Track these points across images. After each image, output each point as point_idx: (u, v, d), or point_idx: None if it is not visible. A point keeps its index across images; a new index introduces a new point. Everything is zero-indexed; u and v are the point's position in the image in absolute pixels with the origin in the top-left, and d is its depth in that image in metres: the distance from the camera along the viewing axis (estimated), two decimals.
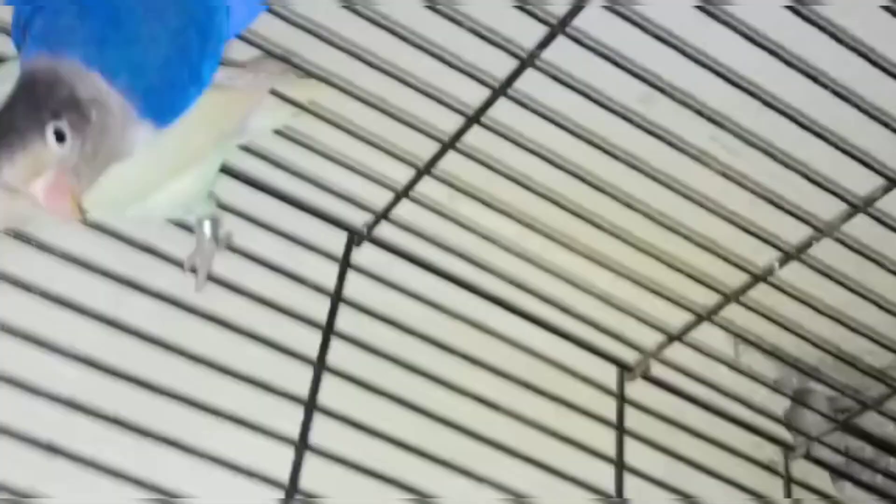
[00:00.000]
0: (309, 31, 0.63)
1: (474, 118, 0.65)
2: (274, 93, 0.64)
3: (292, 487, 0.63)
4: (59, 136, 0.49)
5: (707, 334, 0.79)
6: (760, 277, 0.72)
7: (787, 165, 0.65)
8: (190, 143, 0.60)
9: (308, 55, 0.66)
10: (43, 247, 0.61)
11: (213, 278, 0.67)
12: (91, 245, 0.63)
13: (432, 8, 0.60)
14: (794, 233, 0.69)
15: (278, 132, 0.69)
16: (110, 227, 0.64)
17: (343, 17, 0.61)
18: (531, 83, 0.62)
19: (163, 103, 0.55)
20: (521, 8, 0.58)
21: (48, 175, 0.49)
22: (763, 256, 0.72)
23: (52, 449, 0.57)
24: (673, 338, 0.79)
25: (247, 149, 0.69)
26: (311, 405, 0.66)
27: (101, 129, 0.51)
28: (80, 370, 0.60)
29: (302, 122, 0.68)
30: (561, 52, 0.60)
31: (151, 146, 0.57)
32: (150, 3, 0.53)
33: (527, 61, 0.61)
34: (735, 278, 0.74)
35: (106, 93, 0.52)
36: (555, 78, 0.62)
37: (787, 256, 0.70)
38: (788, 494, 0.84)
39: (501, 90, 0.63)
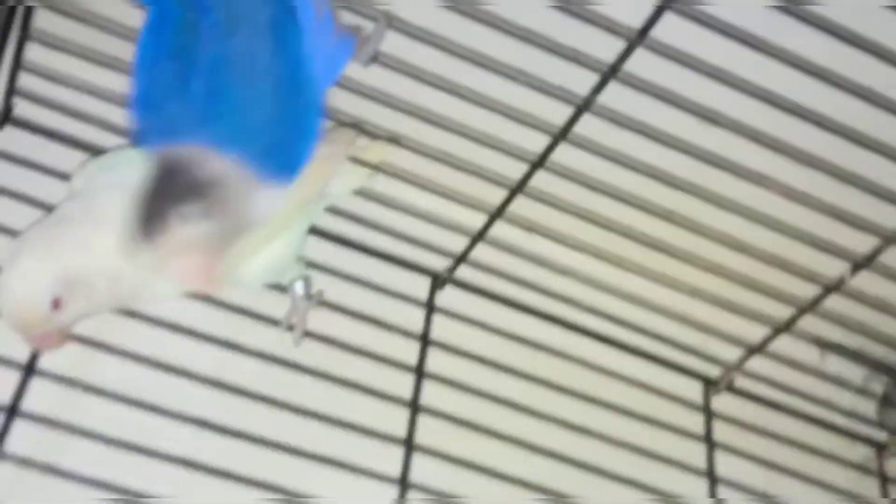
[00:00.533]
0: (376, 99, 0.67)
1: (538, 163, 0.69)
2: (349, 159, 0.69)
3: None
4: (187, 220, 0.53)
5: (787, 344, 0.81)
6: (833, 288, 0.74)
7: (848, 181, 0.67)
8: (279, 211, 0.65)
9: (376, 120, 0.71)
10: (152, 319, 0.67)
11: (308, 333, 0.71)
12: (195, 314, 0.68)
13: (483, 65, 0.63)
14: (861, 244, 0.71)
15: (359, 192, 0.73)
16: (210, 296, 0.69)
17: (399, 81, 0.66)
18: (587, 127, 0.65)
19: (280, 159, 0.57)
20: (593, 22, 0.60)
21: (184, 255, 0.54)
22: (834, 268, 0.73)
23: None
24: (753, 350, 0.81)
25: (331, 209, 0.74)
26: (409, 444, 0.70)
27: (224, 204, 0.55)
28: (193, 430, 0.65)
29: (379, 181, 0.73)
30: (614, 97, 0.63)
31: None
32: (244, 67, 0.56)
33: (582, 107, 0.64)
34: (808, 290, 0.75)
35: (226, 167, 0.55)
36: (612, 121, 0.65)
37: (857, 266, 0.72)
38: (885, 494, 0.85)
39: (560, 135, 0.67)
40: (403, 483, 0.68)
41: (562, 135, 0.66)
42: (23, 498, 0.60)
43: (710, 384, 0.84)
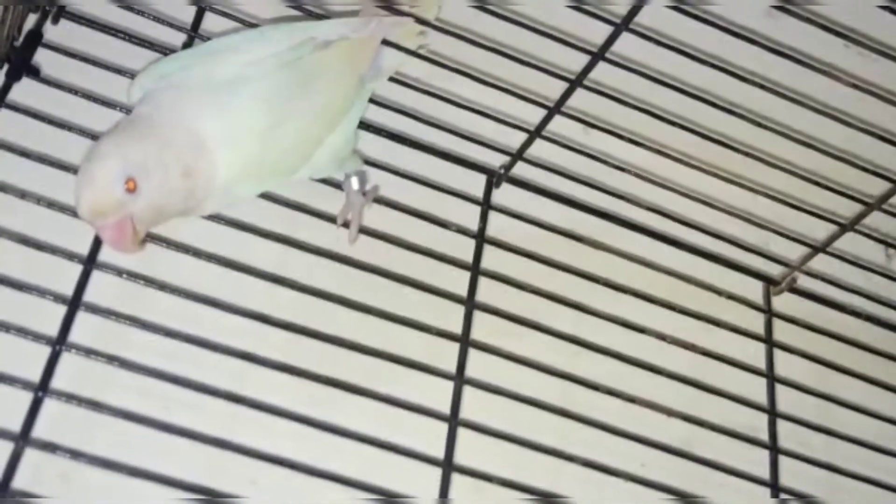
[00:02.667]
0: None
1: (599, 54, 0.67)
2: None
3: (453, 417, 0.67)
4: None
5: (854, 243, 0.79)
6: None
7: None
8: (337, 91, 0.66)
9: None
10: (212, 217, 0.67)
11: (364, 230, 0.71)
12: (251, 210, 0.68)
13: None
14: None
15: (414, 86, 0.72)
16: (269, 193, 0.69)
17: None
18: (651, 15, 0.63)
19: None
20: None
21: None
22: None
23: (234, 398, 0.63)
24: (817, 249, 0.79)
25: (388, 105, 0.73)
26: (465, 341, 0.70)
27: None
28: (251, 324, 0.65)
29: (434, 76, 0.71)
30: None
31: (308, 107, 0.64)
32: None
33: None
34: (876, 187, 0.73)
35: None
36: (676, 9, 0.63)
37: None
38: None
39: (624, 24, 0.64)
40: (460, 378, 0.69)
41: (624, 25, 0.64)
42: (87, 388, 0.61)
43: (771, 284, 0.83)
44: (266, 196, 0.68)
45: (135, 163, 0.58)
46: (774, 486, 0.74)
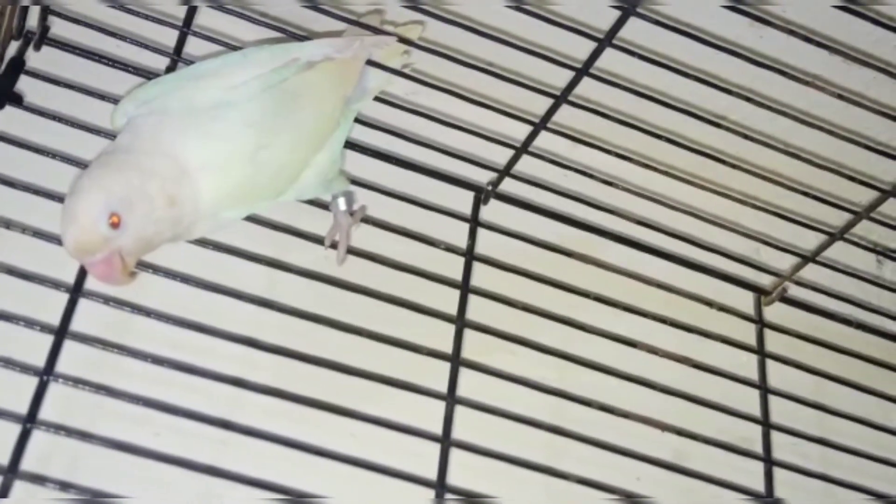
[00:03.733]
0: (419, 10, 0.65)
1: (584, 70, 0.67)
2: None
3: (446, 437, 0.67)
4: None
5: (844, 252, 0.79)
6: (890, 192, 0.71)
7: None
8: (324, 113, 0.66)
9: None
10: (199, 241, 0.66)
11: (352, 250, 0.71)
12: (238, 233, 0.68)
13: None
14: None
15: (400, 105, 0.72)
16: (255, 215, 0.68)
17: None
18: (635, 30, 0.63)
19: None
20: None
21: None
22: (891, 171, 0.71)
23: (225, 425, 0.63)
24: (808, 259, 0.79)
25: (373, 123, 0.73)
26: (455, 360, 0.70)
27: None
28: (239, 349, 0.65)
29: (420, 93, 0.71)
30: None
31: (293, 128, 0.63)
32: None
33: (628, 11, 0.62)
34: (865, 195, 0.73)
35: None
36: (659, 23, 0.63)
37: None
38: None
39: (607, 40, 0.64)
40: (451, 398, 0.68)
41: (608, 40, 0.64)
42: (76, 417, 0.61)
43: (762, 294, 0.83)
44: (253, 218, 0.68)
45: (117, 197, 0.58)
46: (770, 498, 0.74)
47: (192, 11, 0.70)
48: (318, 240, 0.70)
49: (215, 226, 0.64)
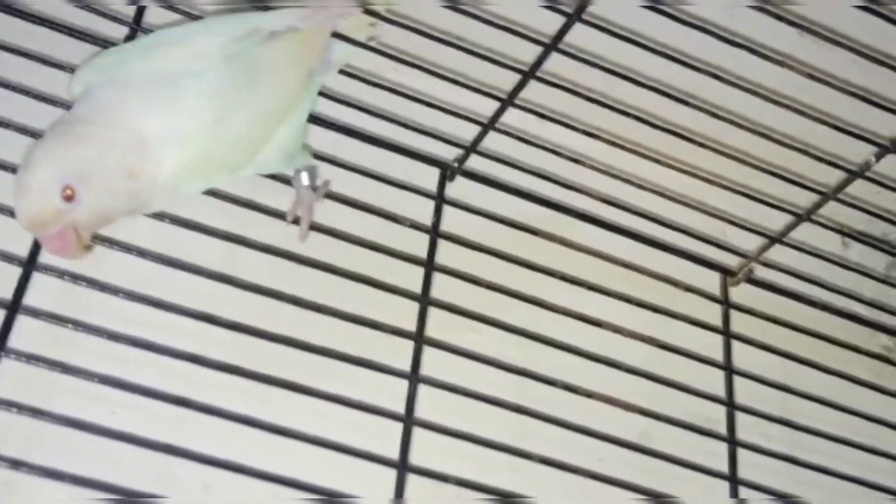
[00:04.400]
0: None
1: (552, 45, 0.66)
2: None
3: (408, 416, 0.66)
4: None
5: (810, 233, 0.79)
6: (858, 174, 0.71)
7: (876, 61, 0.63)
8: (287, 85, 0.64)
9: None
10: (156, 214, 0.65)
11: (315, 226, 0.70)
12: (199, 208, 0.66)
13: None
14: (888, 126, 0.68)
15: (365, 79, 0.71)
16: (215, 189, 0.67)
17: None
18: (605, 5, 0.62)
19: None
20: None
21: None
22: (858, 152, 0.71)
23: (182, 402, 0.61)
24: (774, 240, 0.79)
25: (339, 97, 0.72)
26: (419, 338, 0.69)
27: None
28: (199, 325, 0.64)
29: (385, 68, 0.70)
30: None
31: (254, 101, 0.62)
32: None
33: None
34: (832, 177, 0.73)
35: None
36: None
37: (884, 150, 0.69)
38: None
39: (576, 15, 0.63)
40: (414, 376, 0.67)
41: (577, 14, 0.63)
42: (29, 394, 0.59)
43: (728, 275, 0.82)
44: (213, 193, 0.67)
45: (72, 169, 0.56)
46: (733, 479, 0.73)
47: None
48: (279, 215, 0.69)
49: (173, 199, 0.63)
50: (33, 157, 0.57)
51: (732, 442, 0.75)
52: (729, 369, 0.78)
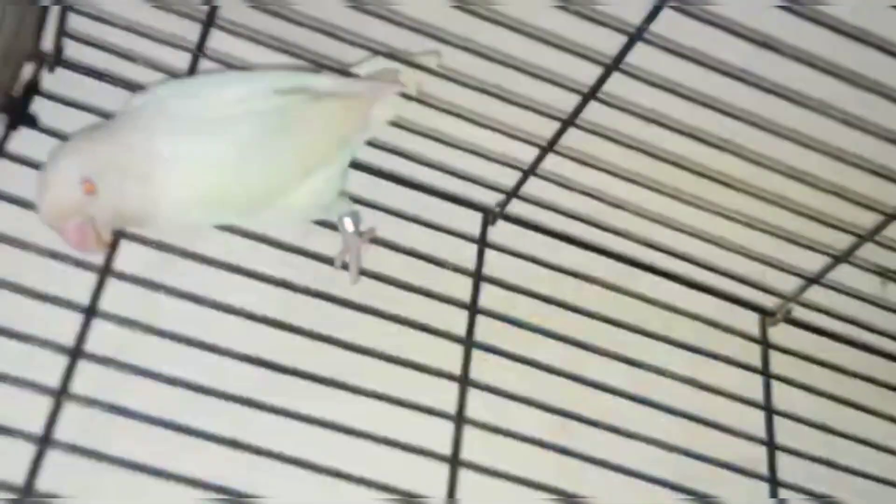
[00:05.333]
0: (421, 32, 0.66)
1: (590, 94, 0.67)
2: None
3: (454, 457, 0.68)
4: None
5: (847, 273, 0.79)
6: (894, 216, 0.72)
7: None
8: (316, 147, 0.66)
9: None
10: (206, 259, 0.67)
11: (362, 271, 0.71)
12: (247, 253, 0.69)
13: None
14: None
15: (410, 127, 0.73)
16: (265, 235, 0.69)
17: (449, 14, 0.65)
18: (640, 56, 0.64)
19: None
20: None
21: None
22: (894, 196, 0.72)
23: (236, 444, 0.63)
24: (812, 281, 0.80)
25: (382, 146, 0.74)
26: (464, 381, 0.71)
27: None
28: (251, 370, 0.66)
29: (430, 115, 0.72)
30: (668, 24, 0.62)
31: (281, 154, 0.64)
32: None
33: (635, 36, 0.63)
34: (869, 218, 0.74)
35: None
36: (665, 49, 0.64)
37: None
38: None
39: (614, 65, 0.65)
40: (459, 419, 0.69)
41: (614, 65, 0.65)
42: (90, 437, 0.61)
43: (767, 315, 0.83)
44: (264, 239, 0.69)
45: (91, 165, 0.59)
46: None
47: (205, 34, 0.71)
48: (328, 260, 0.71)
49: (186, 223, 0.65)
50: (57, 155, 0.60)
51: (774, 482, 0.75)
52: (769, 409, 0.79)
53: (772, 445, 0.77)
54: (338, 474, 0.64)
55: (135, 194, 0.61)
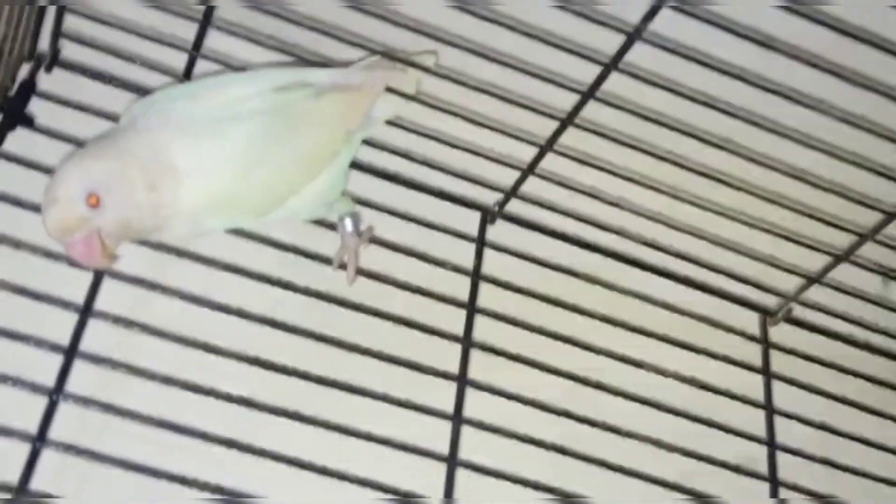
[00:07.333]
0: (421, 32, 0.66)
1: (588, 94, 0.67)
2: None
3: (452, 457, 0.67)
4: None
5: (848, 273, 0.79)
6: (894, 215, 0.72)
7: None
8: (322, 143, 0.66)
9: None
10: (203, 258, 0.67)
11: (360, 271, 0.71)
12: (245, 253, 0.68)
13: None
14: None
15: (408, 127, 0.73)
16: (262, 235, 0.69)
17: (447, 14, 0.65)
18: (639, 55, 0.64)
19: None
20: None
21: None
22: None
23: (232, 444, 0.63)
24: (813, 280, 0.79)
25: (380, 145, 0.74)
26: (462, 380, 0.70)
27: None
28: (247, 369, 0.65)
29: (428, 115, 0.72)
30: (667, 23, 0.62)
31: (289, 152, 0.64)
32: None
33: (634, 36, 0.62)
34: (870, 217, 0.73)
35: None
36: (664, 48, 0.63)
37: None
38: None
39: (612, 64, 0.65)
40: (457, 418, 0.69)
41: (613, 64, 0.65)
42: (85, 436, 0.61)
43: (767, 315, 0.83)
44: (261, 239, 0.69)
45: (96, 178, 0.59)
46: None
47: (201, 34, 0.71)
48: (326, 260, 0.71)
49: (196, 230, 0.65)
50: (62, 169, 0.60)
51: (774, 482, 0.75)
52: (770, 409, 0.78)
53: (772, 445, 0.77)
54: (335, 474, 0.64)
55: (144, 205, 0.60)
